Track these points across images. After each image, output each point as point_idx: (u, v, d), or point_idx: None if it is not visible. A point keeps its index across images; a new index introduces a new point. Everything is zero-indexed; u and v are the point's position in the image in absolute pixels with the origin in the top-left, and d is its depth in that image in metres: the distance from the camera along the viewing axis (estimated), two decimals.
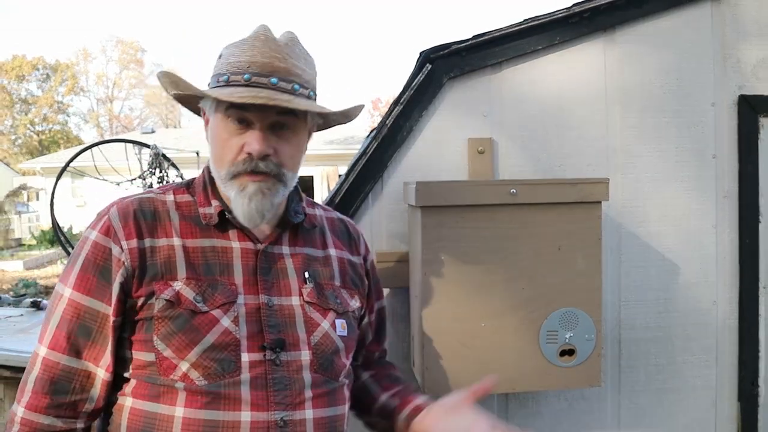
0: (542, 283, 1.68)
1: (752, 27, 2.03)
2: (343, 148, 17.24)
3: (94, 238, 1.21)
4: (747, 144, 2.03)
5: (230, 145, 1.21)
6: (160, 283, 1.18)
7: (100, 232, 1.21)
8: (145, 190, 1.34)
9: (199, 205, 1.28)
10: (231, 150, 1.21)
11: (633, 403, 2.04)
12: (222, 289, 1.21)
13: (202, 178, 1.32)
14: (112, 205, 1.25)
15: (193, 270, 1.21)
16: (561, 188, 1.67)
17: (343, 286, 1.37)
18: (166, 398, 1.15)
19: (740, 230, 2.05)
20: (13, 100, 37.97)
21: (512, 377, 1.69)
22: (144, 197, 1.28)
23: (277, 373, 1.19)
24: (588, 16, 1.94)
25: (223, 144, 1.22)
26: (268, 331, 1.21)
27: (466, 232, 1.65)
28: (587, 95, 1.99)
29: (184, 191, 1.30)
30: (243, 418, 1.15)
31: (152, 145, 9.32)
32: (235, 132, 1.21)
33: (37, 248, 17.15)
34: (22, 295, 3.47)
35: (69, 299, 1.18)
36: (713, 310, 2.06)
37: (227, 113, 1.20)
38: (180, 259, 1.21)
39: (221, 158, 1.23)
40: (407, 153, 1.93)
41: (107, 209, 1.25)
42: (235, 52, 1.22)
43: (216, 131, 1.24)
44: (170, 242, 1.22)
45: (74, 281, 1.19)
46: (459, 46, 1.89)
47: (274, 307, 1.24)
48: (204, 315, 1.18)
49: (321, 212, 1.44)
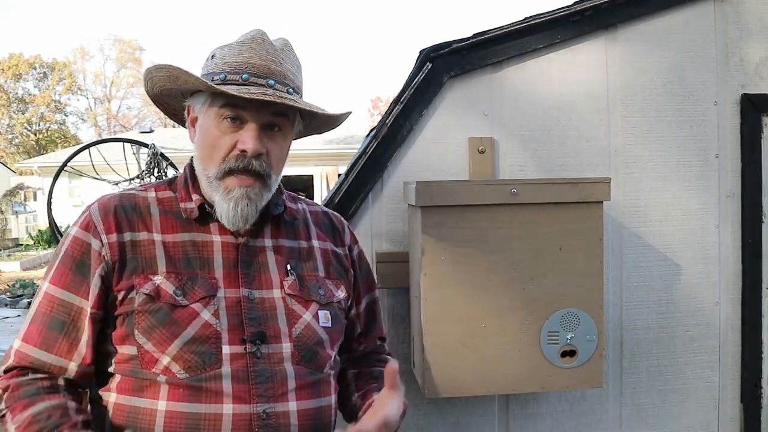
0: (543, 283, 1.67)
1: (755, 25, 2.02)
2: (343, 147, 17.21)
3: (75, 233, 1.23)
4: (750, 143, 2.02)
5: (222, 142, 1.22)
6: (141, 277, 1.19)
7: (80, 227, 1.24)
8: (126, 188, 1.36)
9: (180, 200, 1.29)
10: (222, 147, 1.22)
11: (635, 404, 2.03)
12: (202, 282, 1.22)
13: (184, 175, 1.33)
14: (94, 202, 1.28)
15: (173, 264, 1.22)
16: (562, 188, 1.66)
17: (328, 277, 1.37)
18: (148, 392, 1.16)
19: (743, 230, 2.04)
20: (9, 99, 37.92)
21: (513, 378, 1.68)
22: (125, 193, 1.30)
23: (259, 366, 1.20)
24: (589, 14, 1.92)
25: (214, 141, 1.23)
26: (248, 323, 1.22)
27: (466, 232, 1.64)
28: (589, 94, 1.97)
29: (165, 188, 1.32)
30: (225, 410, 1.15)
31: (150, 144, 9.29)
32: (228, 130, 1.22)
33: (34, 248, 17.13)
34: (19, 296, 3.46)
35: (45, 292, 1.21)
36: (715, 311, 2.05)
37: (221, 111, 1.21)
38: (160, 253, 1.22)
39: (210, 156, 1.23)
40: (407, 153, 1.92)
41: (89, 206, 1.27)
42: (231, 53, 1.23)
43: (206, 128, 1.24)
44: (150, 237, 1.24)
45: (52, 275, 1.22)
46: (459, 44, 1.88)
47: (255, 300, 1.25)
48: (184, 308, 1.18)
49: (304, 206, 1.45)
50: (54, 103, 39.38)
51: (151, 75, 1.28)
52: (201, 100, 1.25)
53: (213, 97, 1.22)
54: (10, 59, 37.47)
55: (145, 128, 23.36)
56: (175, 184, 1.33)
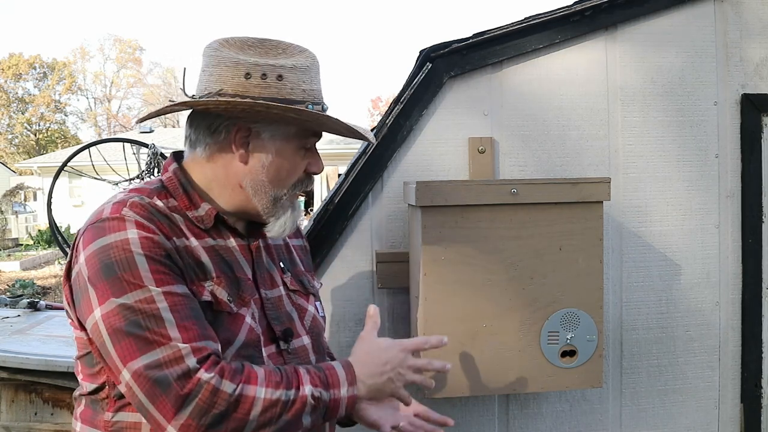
0: (543, 283, 1.67)
1: (756, 25, 2.02)
2: (343, 147, 17.20)
3: (135, 236, 1.11)
4: (750, 143, 2.02)
5: (298, 168, 1.28)
6: (196, 284, 1.17)
7: (139, 229, 1.12)
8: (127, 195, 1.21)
9: (185, 209, 1.24)
10: (297, 172, 1.28)
11: (635, 404, 2.03)
12: (243, 286, 1.24)
13: (176, 181, 1.26)
14: (121, 205, 1.16)
15: (219, 269, 1.22)
16: (562, 188, 1.66)
17: (307, 270, 1.46)
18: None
19: (743, 230, 2.03)
20: (9, 98, 37.93)
21: (513, 378, 1.68)
22: (140, 203, 1.18)
23: (293, 362, 1.26)
24: (589, 14, 1.92)
25: (292, 168, 1.27)
26: (274, 323, 1.27)
27: (466, 232, 1.64)
28: (589, 94, 1.97)
29: (167, 196, 1.23)
30: None
31: (150, 144, 9.27)
32: (303, 156, 1.28)
33: (34, 248, 17.12)
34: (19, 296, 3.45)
35: (162, 294, 1.09)
36: (716, 311, 2.05)
37: (309, 140, 1.28)
38: (206, 259, 1.20)
39: (286, 180, 1.27)
40: (407, 152, 1.92)
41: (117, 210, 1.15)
42: (305, 79, 1.24)
43: (286, 156, 1.26)
44: (190, 242, 1.20)
45: (152, 278, 1.09)
46: (459, 44, 1.88)
47: (271, 299, 1.29)
48: (235, 315, 1.20)
49: None
50: (54, 103, 39.39)
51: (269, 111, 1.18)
52: (281, 128, 1.23)
53: (305, 128, 1.26)
54: (10, 59, 37.49)
55: (145, 128, 23.34)
56: (168, 190, 1.25)
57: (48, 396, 2.39)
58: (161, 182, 1.27)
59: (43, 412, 2.39)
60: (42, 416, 2.39)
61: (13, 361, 2.35)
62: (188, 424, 1.05)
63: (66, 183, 18.91)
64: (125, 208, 1.15)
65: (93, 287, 1.10)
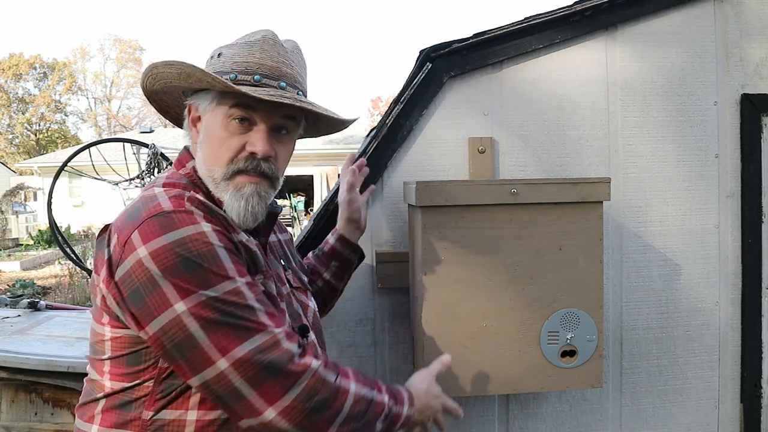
0: (543, 283, 1.66)
1: (755, 25, 2.02)
2: (343, 147, 17.21)
3: (209, 230, 1.11)
4: (750, 143, 2.02)
5: (230, 143, 1.19)
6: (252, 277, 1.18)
7: (208, 222, 1.12)
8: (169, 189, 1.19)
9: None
10: (230, 149, 1.19)
11: (635, 404, 2.03)
12: (278, 280, 1.27)
13: (197, 177, 1.24)
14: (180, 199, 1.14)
15: (265, 263, 1.25)
16: (562, 188, 1.65)
17: (299, 265, 1.50)
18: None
19: (743, 230, 2.04)
20: (10, 99, 37.91)
21: (513, 378, 1.68)
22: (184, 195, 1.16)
23: None
24: (589, 14, 1.92)
25: (221, 142, 1.19)
26: (291, 319, 1.27)
27: (466, 232, 1.64)
28: (589, 94, 1.97)
29: (197, 191, 1.21)
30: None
31: (151, 144, 9.25)
32: (237, 130, 1.19)
33: (35, 248, 17.10)
34: (19, 296, 3.44)
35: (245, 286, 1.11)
36: (715, 311, 2.05)
37: (231, 111, 1.18)
38: (252, 254, 1.22)
39: (217, 157, 1.19)
40: (407, 152, 1.92)
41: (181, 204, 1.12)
42: (241, 53, 1.20)
43: (213, 128, 1.20)
44: (240, 237, 1.21)
45: (235, 269, 1.11)
46: (459, 44, 1.88)
47: (283, 296, 1.29)
48: (282, 309, 1.25)
49: None
50: (54, 103, 39.37)
51: (157, 71, 1.21)
52: (207, 99, 1.21)
53: (222, 96, 1.19)
54: (11, 59, 37.47)
55: (145, 128, 23.36)
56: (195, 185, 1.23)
57: (48, 396, 2.38)
58: (186, 177, 1.24)
59: (43, 412, 2.38)
60: (42, 416, 2.38)
61: (13, 361, 2.35)
62: (293, 407, 1.08)
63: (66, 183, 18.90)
64: (186, 201, 1.13)
65: (169, 282, 1.06)
